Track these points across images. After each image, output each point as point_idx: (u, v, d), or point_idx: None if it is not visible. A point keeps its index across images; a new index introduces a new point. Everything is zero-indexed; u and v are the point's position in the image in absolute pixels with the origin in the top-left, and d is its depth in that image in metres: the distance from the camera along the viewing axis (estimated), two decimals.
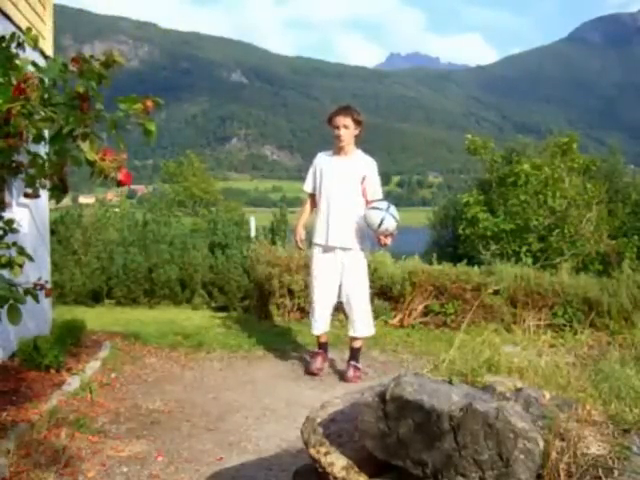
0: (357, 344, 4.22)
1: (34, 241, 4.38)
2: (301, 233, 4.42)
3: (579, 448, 1.50)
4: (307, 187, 4.37)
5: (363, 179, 4.15)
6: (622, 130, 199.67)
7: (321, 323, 4.24)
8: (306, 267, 5.73)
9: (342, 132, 4.10)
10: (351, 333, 4.23)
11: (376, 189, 4.23)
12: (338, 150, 4.20)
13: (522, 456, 1.48)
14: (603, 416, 1.61)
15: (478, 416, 1.53)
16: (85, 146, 1.63)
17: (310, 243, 4.39)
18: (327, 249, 4.17)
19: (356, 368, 4.18)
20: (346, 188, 4.15)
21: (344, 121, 4.10)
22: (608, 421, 1.59)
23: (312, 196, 4.38)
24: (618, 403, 1.63)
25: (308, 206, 4.42)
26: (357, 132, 4.17)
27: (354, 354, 4.22)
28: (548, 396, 1.67)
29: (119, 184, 1.81)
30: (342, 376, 4.18)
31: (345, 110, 4.15)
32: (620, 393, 1.68)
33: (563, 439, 1.52)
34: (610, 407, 1.63)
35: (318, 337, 4.35)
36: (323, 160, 4.28)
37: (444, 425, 1.57)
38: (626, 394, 1.67)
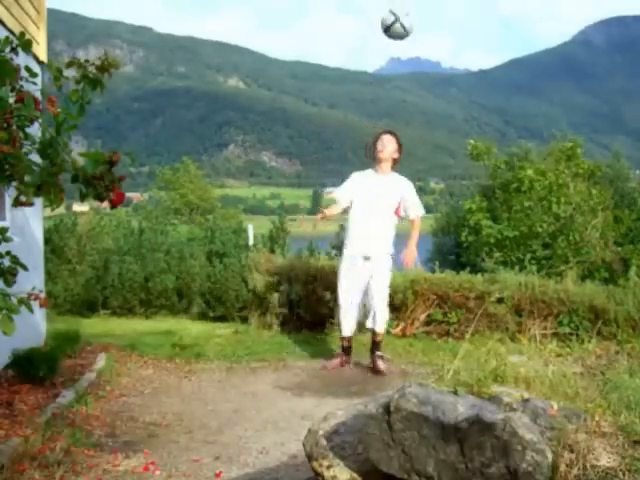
0: (379, 337, 4.65)
1: (28, 250, 4.33)
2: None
3: (589, 460, 1.47)
4: (339, 197, 4.61)
5: (400, 199, 4.54)
6: (628, 134, 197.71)
7: (346, 326, 4.59)
8: (307, 276, 5.82)
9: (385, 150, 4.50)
10: (372, 325, 4.60)
11: (417, 207, 4.62)
12: (377, 168, 4.54)
13: (530, 468, 1.45)
14: (613, 427, 1.57)
15: (485, 428, 1.49)
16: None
17: (338, 250, 4.81)
18: (359, 259, 4.49)
19: (383, 358, 4.60)
20: (383, 205, 4.49)
21: (390, 142, 4.51)
22: (618, 432, 1.55)
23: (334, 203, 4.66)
24: (628, 414, 1.60)
25: (337, 208, 4.61)
26: (396, 156, 4.56)
27: (377, 346, 4.62)
28: (556, 407, 1.64)
29: (112, 205, 1.79)
30: (373, 369, 4.54)
31: (391, 132, 4.58)
32: (630, 403, 1.65)
33: (572, 451, 1.49)
34: (620, 418, 1.60)
35: (342, 339, 4.69)
36: (361, 176, 4.62)
37: (450, 437, 1.53)
38: (636, 404, 1.64)
